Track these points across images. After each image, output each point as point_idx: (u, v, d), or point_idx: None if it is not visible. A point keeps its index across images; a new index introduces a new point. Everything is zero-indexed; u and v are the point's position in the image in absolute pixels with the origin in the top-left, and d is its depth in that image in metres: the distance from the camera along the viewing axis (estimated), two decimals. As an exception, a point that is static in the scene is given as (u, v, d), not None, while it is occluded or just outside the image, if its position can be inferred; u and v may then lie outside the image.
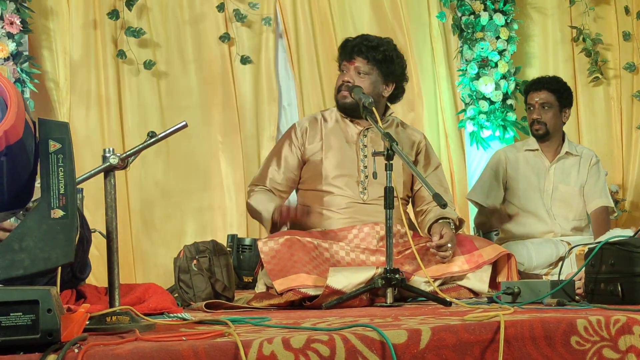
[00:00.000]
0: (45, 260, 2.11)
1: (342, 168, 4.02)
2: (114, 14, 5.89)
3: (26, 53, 5.51)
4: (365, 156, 4.03)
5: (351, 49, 4.05)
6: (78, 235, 2.98)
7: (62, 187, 2.15)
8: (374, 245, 3.81)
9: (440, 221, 3.94)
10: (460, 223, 4.05)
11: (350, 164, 4.03)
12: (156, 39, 6.07)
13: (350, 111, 4.04)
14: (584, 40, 6.89)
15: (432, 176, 4.16)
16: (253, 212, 4.07)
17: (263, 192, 4.07)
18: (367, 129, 4.08)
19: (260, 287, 3.88)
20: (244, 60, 6.20)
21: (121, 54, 5.91)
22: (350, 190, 3.99)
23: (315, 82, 6.41)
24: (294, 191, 4.20)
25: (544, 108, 5.26)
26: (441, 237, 3.79)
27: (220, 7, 6.15)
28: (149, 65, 5.97)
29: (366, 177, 4.00)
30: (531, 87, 5.38)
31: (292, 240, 3.62)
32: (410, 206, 4.22)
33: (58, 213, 2.13)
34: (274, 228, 3.90)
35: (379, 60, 4.04)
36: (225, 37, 6.16)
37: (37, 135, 2.14)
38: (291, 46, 6.39)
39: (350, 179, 4.01)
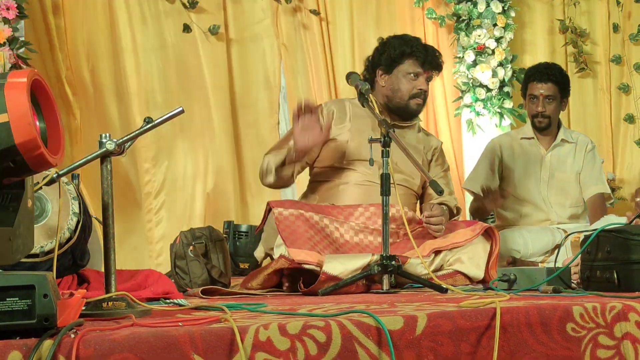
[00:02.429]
0: (28, 247, 2.17)
1: (365, 147, 4.02)
2: None
3: (22, 39, 5.49)
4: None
5: (431, 59, 4.14)
6: (81, 223, 2.99)
7: (32, 180, 2.19)
8: (378, 224, 3.82)
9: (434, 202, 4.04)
10: (457, 211, 4.10)
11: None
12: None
13: (402, 115, 4.14)
14: (571, 32, 6.90)
15: (443, 177, 4.30)
16: (263, 168, 4.05)
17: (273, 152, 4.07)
18: (394, 124, 4.09)
19: (258, 253, 3.89)
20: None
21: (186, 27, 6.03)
22: (367, 169, 4.00)
23: (305, 66, 6.43)
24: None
25: (548, 100, 5.20)
26: (432, 209, 3.82)
27: None
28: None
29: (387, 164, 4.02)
30: (535, 77, 5.24)
31: (304, 216, 3.62)
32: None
33: (30, 203, 2.17)
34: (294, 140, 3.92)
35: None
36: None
37: None
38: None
39: (368, 163, 4.02)
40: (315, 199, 4.06)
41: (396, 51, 4.14)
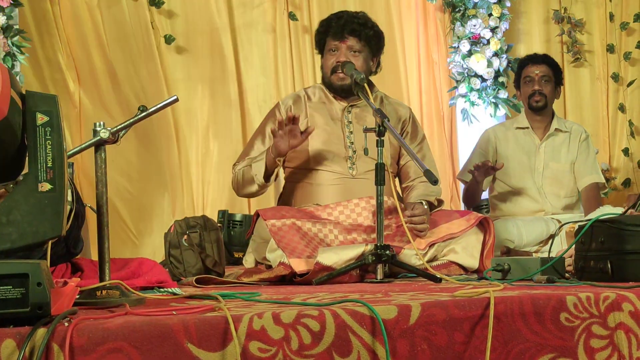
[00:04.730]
0: (33, 234, 2.10)
1: (329, 145, 4.02)
2: None
3: (17, 26, 5.47)
4: (352, 132, 4.04)
5: (342, 28, 4.04)
6: (74, 211, 2.99)
7: (49, 160, 2.12)
8: (370, 219, 3.81)
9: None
10: (438, 203, 4.06)
11: (336, 140, 4.04)
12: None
13: (344, 91, 4.05)
14: (567, 21, 6.90)
15: (417, 150, 4.18)
16: (239, 179, 4.05)
17: (246, 162, 4.07)
18: (352, 105, 4.09)
19: (249, 262, 3.89)
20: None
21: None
22: (338, 166, 4.00)
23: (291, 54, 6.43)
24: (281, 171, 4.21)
25: (544, 81, 5.25)
26: (413, 209, 3.76)
27: None
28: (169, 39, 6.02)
29: (354, 152, 4.01)
30: (529, 60, 5.35)
31: (296, 225, 3.62)
32: (397, 181, 4.22)
33: (46, 186, 2.12)
34: (268, 170, 3.92)
35: (369, 37, 4.06)
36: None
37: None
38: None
39: (337, 156, 4.01)
40: (295, 200, 4.05)
41: (317, 35, 4.17)
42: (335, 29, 4.05)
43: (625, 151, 6.96)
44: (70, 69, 5.77)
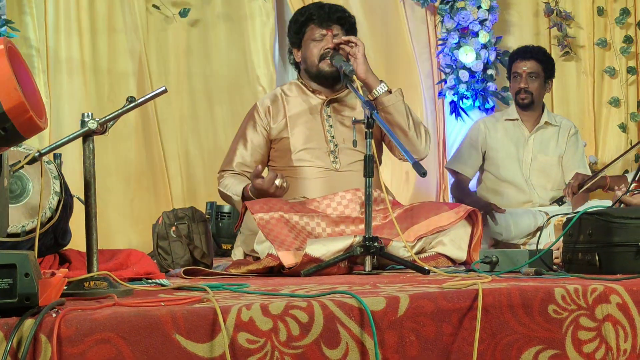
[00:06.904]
0: (3, 229, 2.15)
1: (310, 141, 4.03)
2: None
3: (4, 17, 5.45)
4: (331, 126, 4.05)
5: (327, 15, 4.05)
6: (62, 202, 2.98)
7: (7, 158, 2.17)
8: (357, 211, 3.81)
9: None
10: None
11: (317, 135, 4.04)
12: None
13: (328, 79, 4.05)
14: (557, 15, 6.90)
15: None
16: (224, 197, 4.10)
17: (232, 176, 4.08)
18: (330, 99, 4.09)
19: (237, 255, 3.89)
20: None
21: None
22: (321, 161, 4.01)
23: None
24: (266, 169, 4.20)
25: (531, 77, 5.27)
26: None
27: None
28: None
29: (335, 145, 4.01)
30: (518, 55, 5.35)
31: (284, 218, 3.62)
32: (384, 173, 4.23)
33: (5, 182, 2.15)
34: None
35: (351, 25, 4.09)
36: None
37: None
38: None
39: (319, 151, 4.02)
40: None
41: (295, 25, 4.15)
42: (320, 17, 4.07)
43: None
44: (42, 56, 5.71)
